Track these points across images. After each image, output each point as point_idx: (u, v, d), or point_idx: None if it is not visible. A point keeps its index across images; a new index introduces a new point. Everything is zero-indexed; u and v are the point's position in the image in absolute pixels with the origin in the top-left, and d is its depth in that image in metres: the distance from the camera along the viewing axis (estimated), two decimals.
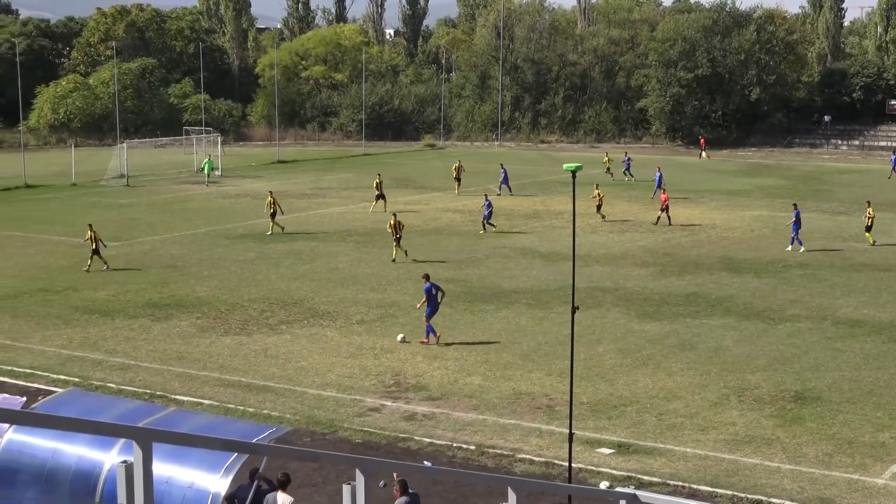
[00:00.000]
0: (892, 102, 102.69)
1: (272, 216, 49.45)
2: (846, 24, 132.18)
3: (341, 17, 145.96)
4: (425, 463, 20.34)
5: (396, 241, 42.55)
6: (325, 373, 27.96)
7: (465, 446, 22.64)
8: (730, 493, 20.04)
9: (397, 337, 31.04)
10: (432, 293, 30.70)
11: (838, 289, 37.70)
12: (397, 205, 59.76)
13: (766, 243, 46.37)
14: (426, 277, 31.38)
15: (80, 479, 15.18)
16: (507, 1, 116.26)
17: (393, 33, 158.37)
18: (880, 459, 21.70)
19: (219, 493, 14.60)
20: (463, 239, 47.91)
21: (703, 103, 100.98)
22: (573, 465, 19.74)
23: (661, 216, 51.65)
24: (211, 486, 14.69)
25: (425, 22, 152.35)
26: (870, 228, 46.43)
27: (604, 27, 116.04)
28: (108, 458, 14.75)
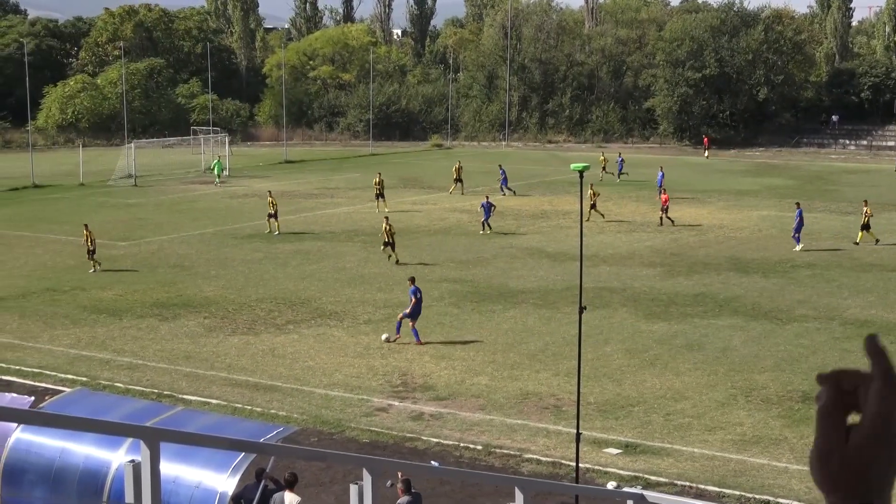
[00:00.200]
0: None
1: (272, 216, 49.55)
2: (854, 23, 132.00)
3: (349, 17, 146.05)
4: (432, 463, 20.35)
5: (389, 246, 42.00)
6: (332, 372, 27.97)
7: (472, 446, 22.65)
8: (737, 493, 20.02)
9: (381, 336, 31.17)
10: (418, 295, 30.91)
11: (846, 289, 37.63)
12: (404, 205, 59.82)
13: (774, 243, 46.30)
14: (412, 280, 31.74)
15: (87, 478, 15.21)
16: (515, 1, 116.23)
17: (400, 33, 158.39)
18: None
19: (226, 492, 14.62)
20: (470, 239, 47.90)
21: (711, 103, 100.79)
22: (580, 465, 19.72)
23: (663, 217, 51.58)
24: (218, 485, 14.71)
25: (433, 22, 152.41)
26: (866, 227, 46.43)
27: (611, 27, 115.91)
28: (116, 457, 14.77)
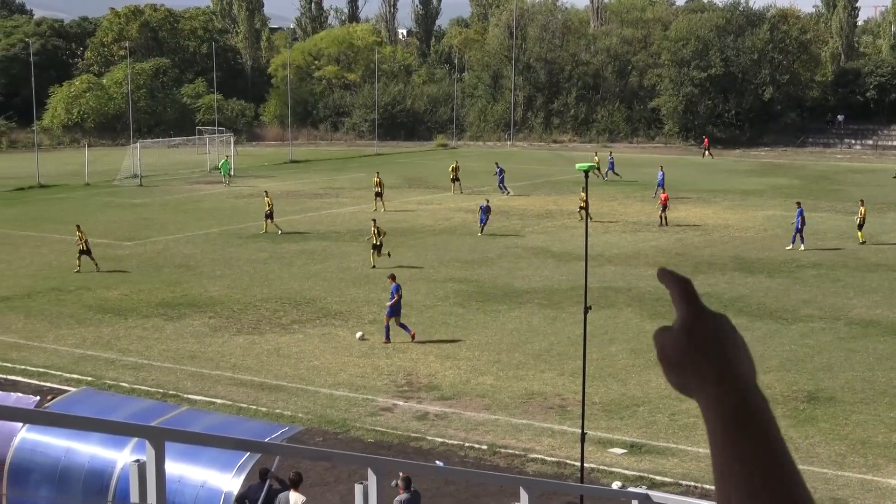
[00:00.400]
0: None
1: (269, 216, 49.61)
2: (860, 23, 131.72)
3: (354, 16, 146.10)
4: (437, 462, 20.35)
5: (377, 248, 41.49)
6: (337, 372, 27.99)
7: (477, 446, 22.65)
8: None
9: (356, 335, 31.32)
10: (400, 293, 31.05)
11: (851, 289, 37.60)
12: (409, 204, 59.85)
13: (779, 243, 46.24)
14: (392, 277, 31.90)
15: (92, 477, 15.23)
16: (520, 1, 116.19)
17: (405, 33, 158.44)
18: (894, 460, 21.64)
19: (231, 492, 14.63)
20: (475, 239, 47.89)
21: (716, 103, 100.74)
22: (585, 464, 19.73)
23: (663, 216, 51.51)
24: (223, 485, 14.72)
25: (438, 22, 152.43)
26: (861, 227, 46.58)
27: (616, 27, 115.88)
28: (121, 456, 14.78)
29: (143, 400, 22.74)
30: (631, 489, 15.33)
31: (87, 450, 15.36)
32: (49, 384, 26.67)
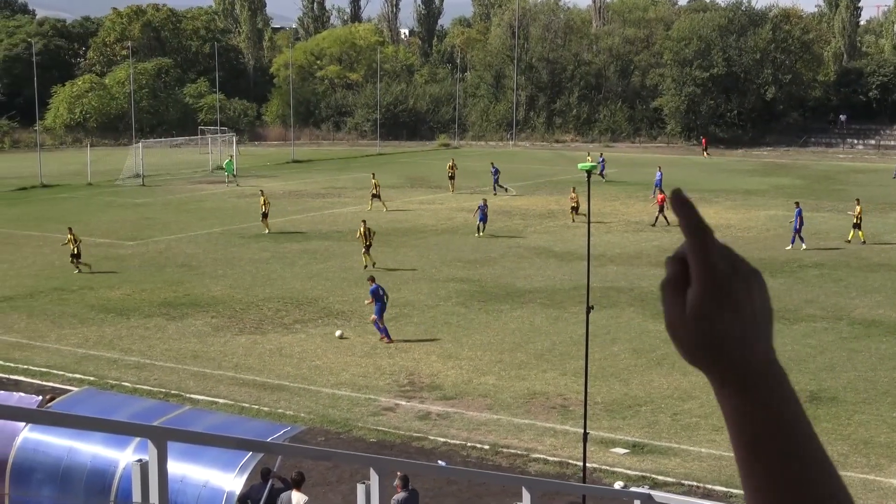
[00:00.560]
0: None
1: (264, 216, 49.61)
2: (862, 22, 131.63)
3: (356, 16, 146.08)
4: (440, 462, 20.36)
5: (366, 249, 41.30)
6: (339, 372, 28.00)
7: (479, 446, 22.65)
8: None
9: (336, 333, 31.51)
10: (379, 293, 31.12)
11: (854, 289, 37.57)
12: (412, 204, 59.84)
13: (781, 243, 46.19)
14: (371, 279, 32.04)
15: (95, 477, 15.23)
16: (522, 0, 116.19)
17: (408, 33, 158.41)
18: None
19: (233, 491, 14.63)
20: (477, 239, 47.85)
21: (719, 102, 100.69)
22: (587, 464, 19.73)
23: (659, 217, 51.44)
24: (225, 484, 14.71)
25: (440, 21, 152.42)
26: (857, 226, 46.58)
27: (619, 26, 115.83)
28: (123, 456, 14.78)
29: (145, 399, 22.75)
30: (633, 489, 15.34)
31: (90, 449, 15.36)
32: (51, 384, 26.67)
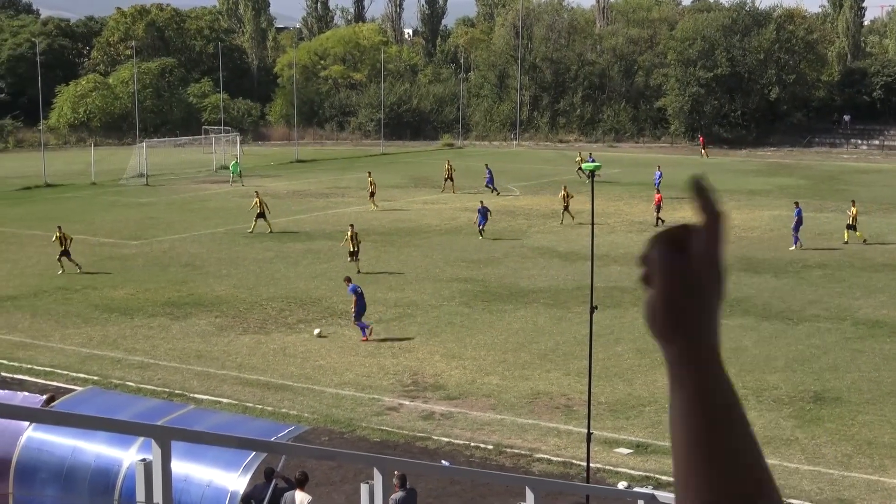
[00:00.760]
0: None
1: (260, 216, 49.57)
2: (866, 23, 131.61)
3: (360, 16, 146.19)
4: (443, 462, 20.36)
5: (353, 254, 40.52)
6: (343, 372, 28.01)
7: (482, 446, 22.65)
8: None
9: (314, 332, 31.65)
10: (358, 292, 31.21)
11: (858, 289, 37.54)
12: (415, 204, 59.85)
13: (786, 243, 46.14)
14: (347, 280, 32.27)
15: (99, 476, 15.24)
16: (526, 0, 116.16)
17: (411, 33, 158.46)
18: None
19: (237, 491, 14.64)
20: (480, 239, 47.82)
21: (723, 102, 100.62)
22: (591, 464, 19.72)
23: (659, 217, 51.33)
24: (229, 484, 14.72)
25: (444, 21, 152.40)
26: (852, 227, 46.57)
27: (622, 26, 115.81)
28: (127, 455, 14.79)
29: (149, 399, 22.76)
30: (637, 489, 15.34)
31: (94, 449, 15.38)
32: (55, 383, 26.70)
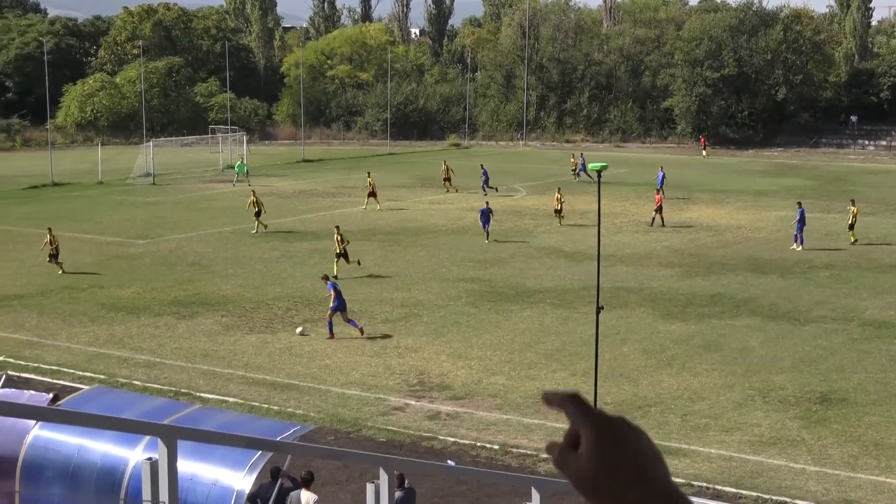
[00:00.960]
0: None
1: (256, 215, 49.66)
2: (874, 23, 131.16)
3: (367, 16, 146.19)
4: (449, 462, 20.36)
5: (341, 256, 39.89)
6: (349, 371, 28.01)
7: (488, 446, 22.65)
8: (754, 494, 19.96)
9: (296, 330, 31.77)
10: (337, 289, 31.35)
11: (864, 290, 37.48)
12: (422, 204, 59.85)
13: (792, 244, 46.08)
14: (325, 278, 32.33)
15: (105, 475, 15.26)
16: (533, 0, 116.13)
17: (418, 32, 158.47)
18: None
19: (243, 490, 14.65)
20: (486, 242, 47.76)
21: (730, 103, 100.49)
22: None
23: (656, 217, 51.28)
24: (235, 483, 14.74)
25: (451, 21, 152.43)
26: (852, 227, 46.53)
27: (629, 26, 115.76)
28: (133, 454, 14.82)
29: (155, 398, 22.78)
30: None
31: (100, 448, 15.40)
32: (62, 382, 26.73)
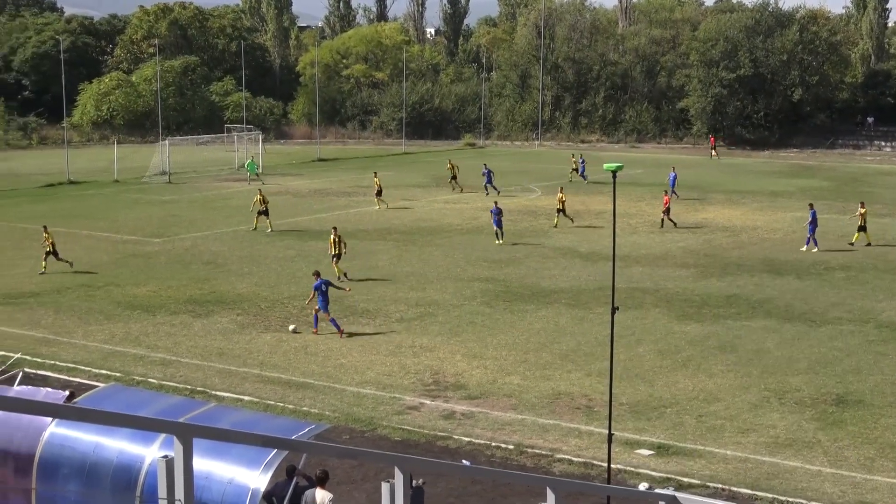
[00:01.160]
0: None
1: (263, 213, 49.83)
2: (890, 24, 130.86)
3: (382, 15, 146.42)
4: (464, 462, 20.34)
5: (336, 258, 39.45)
6: (364, 370, 28.02)
7: (503, 446, 22.63)
8: (770, 496, 19.90)
9: (290, 328, 31.97)
10: (322, 289, 31.39)
11: (881, 291, 37.34)
12: (436, 203, 59.85)
13: (804, 245, 45.93)
14: (316, 274, 32.20)
15: (121, 473, 15.28)
16: (548, 0, 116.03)
17: (434, 32, 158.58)
18: None
19: (258, 488, 14.65)
20: (500, 243, 47.74)
21: (745, 104, 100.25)
22: (612, 465, 19.66)
23: (664, 218, 51.13)
24: (250, 481, 14.74)
25: (466, 21, 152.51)
26: (863, 228, 46.30)
27: (645, 27, 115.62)
28: (149, 452, 14.84)
29: (171, 396, 22.81)
30: (658, 490, 15.28)
31: (116, 445, 15.42)
32: (78, 379, 26.81)
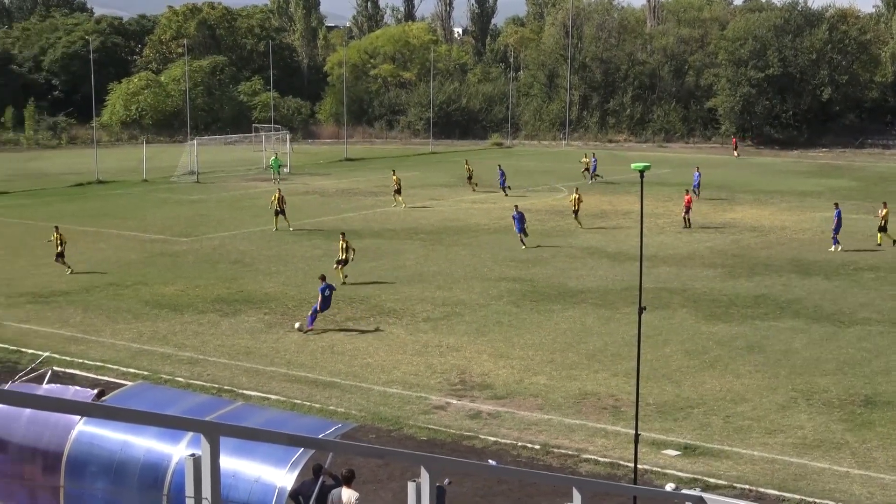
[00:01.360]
0: None
1: (280, 212, 50.05)
2: None
3: (410, 15, 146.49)
4: (490, 462, 20.34)
5: (341, 263, 38.92)
6: (390, 370, 28.05)
7: (530, 445, 22.61)
8: (797, 497, 19.81)
9: (295, 325, 32.27)
10: (325, 294, 31.80)
11: None
12: (464, 203, 59.83)
13: (832, 245, 45.68)
14: (322, 278, 32.42)
15: (148, 471, 15.36)
16: (576, 0, 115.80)
17: (461, 32, 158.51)
18: None
19: (285, 487, 14.69)
20: (529, 238, 47.71)
21: (774, 103, 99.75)
22: (639, 466, 19.62)
23: (685, 217, 50.88)
24: (277, 480, 14.78)
25: (493, 20, 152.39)
26: (883, 229, 45.95)
27: (673, 26, 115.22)
28: (177, 450, 14.90)
29: (198, 395, 22.89)
30: (685, 491, 15.23)
31: (143, 443, 15.49)
32: (106, 378, 26.95)
